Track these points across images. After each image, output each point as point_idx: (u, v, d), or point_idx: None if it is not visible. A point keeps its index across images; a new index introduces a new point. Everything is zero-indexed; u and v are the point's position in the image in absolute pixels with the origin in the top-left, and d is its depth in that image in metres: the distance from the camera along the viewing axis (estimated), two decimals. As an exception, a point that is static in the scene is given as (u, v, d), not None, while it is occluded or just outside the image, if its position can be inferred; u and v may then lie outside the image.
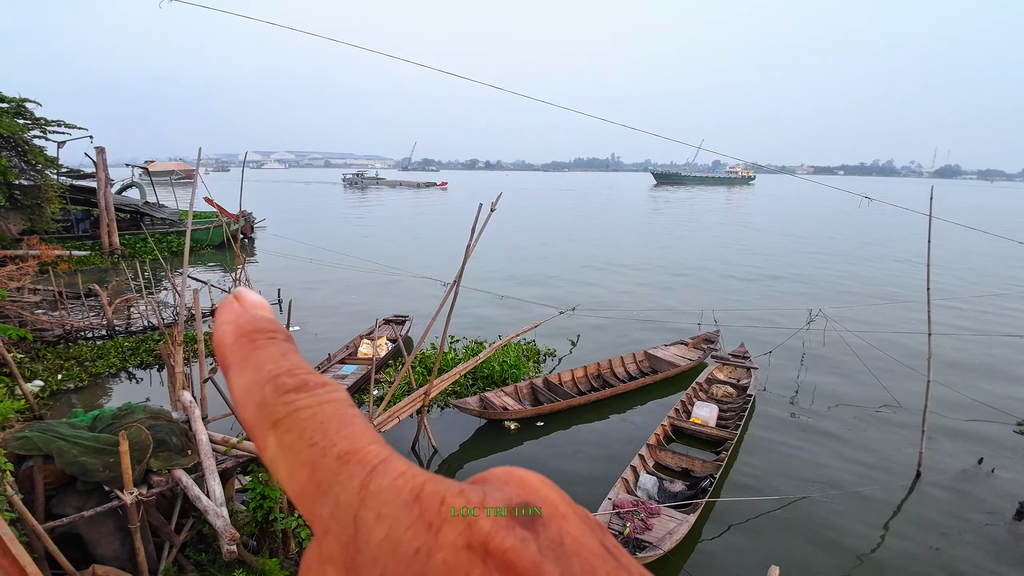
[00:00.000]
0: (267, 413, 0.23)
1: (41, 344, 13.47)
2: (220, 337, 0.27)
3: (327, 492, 0.20)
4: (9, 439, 5.47)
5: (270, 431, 0.23)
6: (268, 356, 0.25)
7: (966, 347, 15.30)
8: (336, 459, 0.21)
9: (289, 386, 0.24)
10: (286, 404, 0.23)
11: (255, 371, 0.25)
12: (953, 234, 21.75)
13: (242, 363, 0.25)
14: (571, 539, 0.19)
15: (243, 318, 0.27)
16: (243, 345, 0.26)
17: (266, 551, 6.08)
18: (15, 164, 23.14)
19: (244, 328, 0.26)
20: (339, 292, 20.24)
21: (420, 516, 0.19)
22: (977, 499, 8.64)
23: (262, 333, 0.26)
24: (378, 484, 0.20)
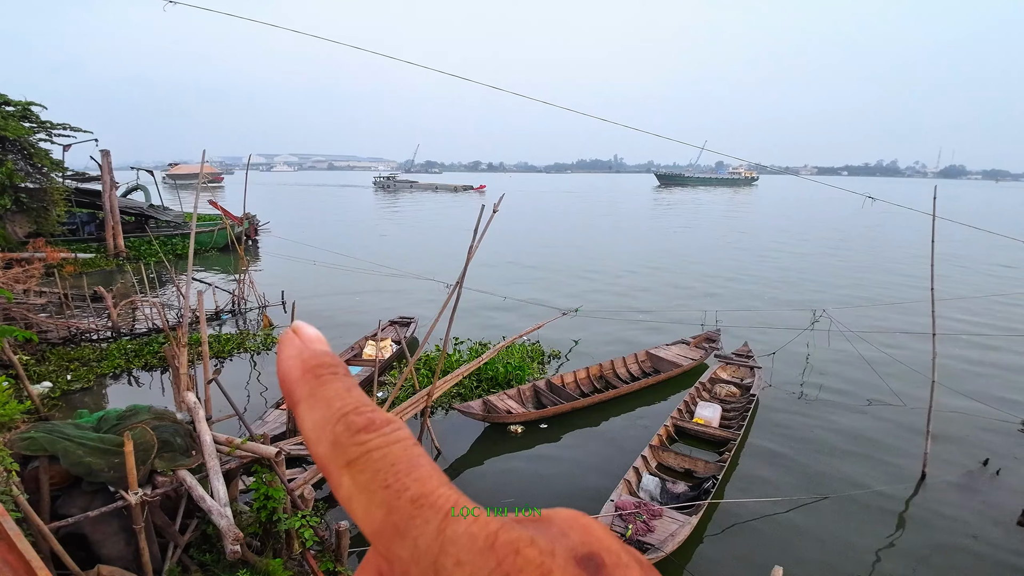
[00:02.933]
0: (341, 452, 0.25)
1: (46, 346, 13.56)
2: (286, 372, 0.28)
3: (405, 535, 0.22)
4: (15, 440, 5.51)
5: (344, 470, 0.24)
6: (334, 392, 0.27)
7: (971, 347, 15.22)
8: (410, 503, 0.23)
9: (359, 425, 0.25)
10: (358, 444, 0.25)
11: (325, 408, 0.26)
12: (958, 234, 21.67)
13: (310, 399, 0.27)
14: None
15: (306, 353, 0.28)
16: (309, 380, 0.27)
17: (269, 551, 6.10)
18: (21, 167, 23.30)
19: (308, 363, 0.28)
20: (343, 294, 20.30)
21: (498, 565, 0.20)
22: (982, 501, 8.59)
23: (325, 368, 0.28)
24: (454, 530, 0.22)
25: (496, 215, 8.28)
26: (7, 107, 23.44)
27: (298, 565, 6.16)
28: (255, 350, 14.37)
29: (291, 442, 8.68)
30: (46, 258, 20.16)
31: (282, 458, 6.10)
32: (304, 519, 5.90)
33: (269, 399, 11.52)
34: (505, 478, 9.15)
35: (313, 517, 6.01)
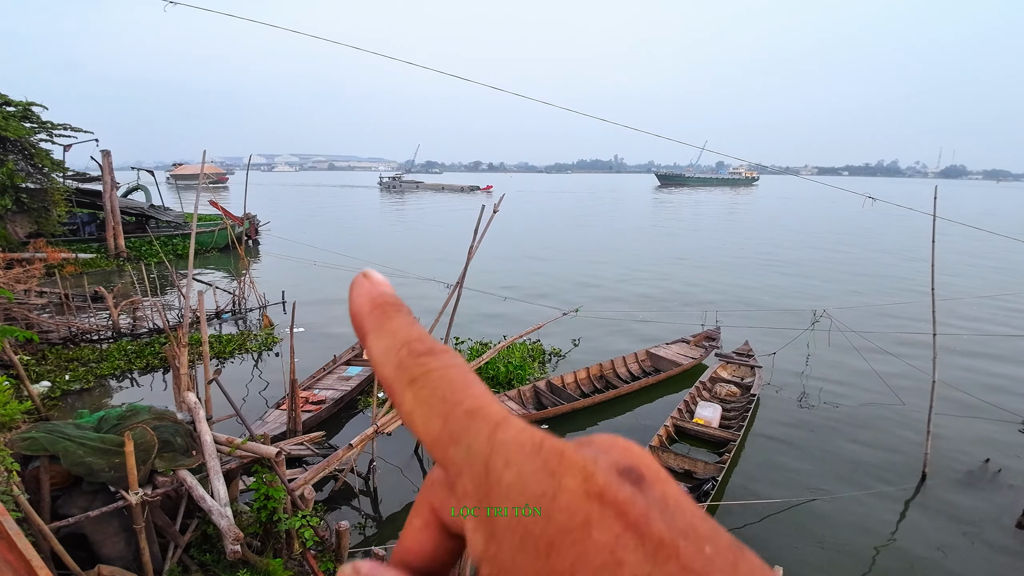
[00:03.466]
0: (405, 372, 0.28)
1: (47, 346, 13.56)
2: (358, 308, 0.32)
3: (459, 441, 0.25)
4: (16, 440, 5.51)
5: (408, 388, 0.28)
6: (399, 324, 0.31)
7: (971, 347, 15.21)
8: (465, 414, 0.26)
9: (421, 350, 0.29)
10: (420, 365, 0.28)
11: (391, 336, 0.30)
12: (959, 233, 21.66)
13: (378, 329, 0.31)
14: (673, 499, 0.23)
15: (374, 292, 0.32)
16: (377, 315, 0.31)
17: (270, 551, 6.11)
18: (22, 168, 23.31)
19: (376, 300, 0.32)
20: (344, 293, 20.28)
21: (544, 465, 0.22)
22: (983, 500, 8.58)
23: (391, 305, 0.32)
24: (503, 436, 0.24)
25: (496, 215, 8.28)
26: (8, 107, 23.46)
27: (298, 565, 6.16)
28: (256, 350, 14.38)
29: (291, 442, 8.69)
30: (47, 258, 20.19)
31: (282, 458, 6.11)
32: (304, 519, 5.90)
33: (269, 399, 11.52)
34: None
35: (313, 517, 6.01)
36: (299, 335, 14.14)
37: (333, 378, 12.19)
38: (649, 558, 0.20)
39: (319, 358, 13.20)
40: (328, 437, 9.84)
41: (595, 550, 0.20)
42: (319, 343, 14.63)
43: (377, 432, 8.17)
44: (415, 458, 9.58)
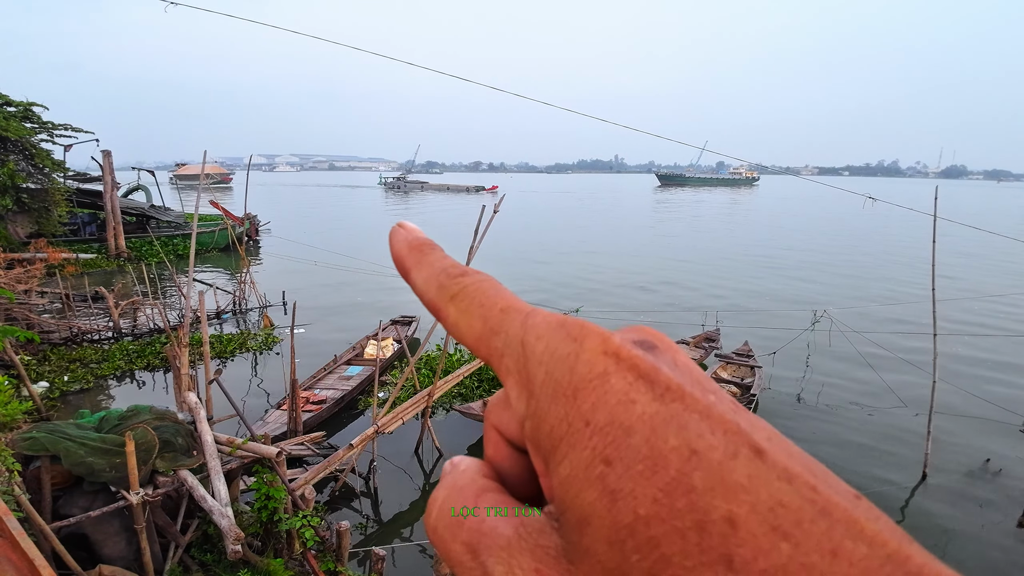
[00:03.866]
0: (445, 292, 0.33)
1: (48, 346, 13.57)
2: (398, 250, 0.37)
3: (498, 331, 0.30)
4: (17, 440, 5.52)
5: (450, 303, 0.33)
6: (435, 258, 0.36)
7: (972, 347, 15.21)
8: (500, 311, 0.31)
9: (456, 273, 0.34)
10: (457, 284, 0.33)
11: (429, 267, 0.35)
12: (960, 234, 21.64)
13: (418, 264, 0.36)
14: (681, 363, 0.27)
15: (410, 236, 0.38)
16: (415, 253, 0.36)
17: (270, 551, 6.11)
18: (23, 168, 23.33)
19: (413, 243, 0.37)
20: (345, 294, 20.31)
21: (567, 334, 0.27)
22: (984, 500, 8.59)
23: (426, 244, 0.37)
24: (533, 320, 0.29)
25: (496, 216, 8.30)
26: (8, 108, 23.48)
27: (299, 565, 6.17)
28: (256, 350, 14.39)
29: (292, 442, 8.70)
30: (47, 258, 20.18)
31: (283, 458, 6.12)
32: (305, 519, 5.91)
33: (270, 399, 11.53)
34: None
35: (314, 517, 6.02)
36: (300, 335, 14.15)
37: (334, 378, 12.20)
38: (658, 398, 0.23)
39: (320, 358, 13.21)
40: (328, 437, 9.84)
41: (611, 392, 0.24)
42: (320, 343, 14.65)
43: (377, 432, 8.18)
44: (415, 458, 9.58)
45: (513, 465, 0.33)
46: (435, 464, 9.54)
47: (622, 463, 0.22)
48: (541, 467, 0.27)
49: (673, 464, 0.21)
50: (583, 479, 0.23)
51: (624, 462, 0.22)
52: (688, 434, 0.22)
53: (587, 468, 0.23)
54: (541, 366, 0.27)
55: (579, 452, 0.23)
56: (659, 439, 0.22)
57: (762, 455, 0.21)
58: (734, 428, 0.22)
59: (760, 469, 0.21)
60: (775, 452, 0.21)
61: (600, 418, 0.23)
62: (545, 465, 0.26)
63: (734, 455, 0.21)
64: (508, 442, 0.33)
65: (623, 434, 0.23)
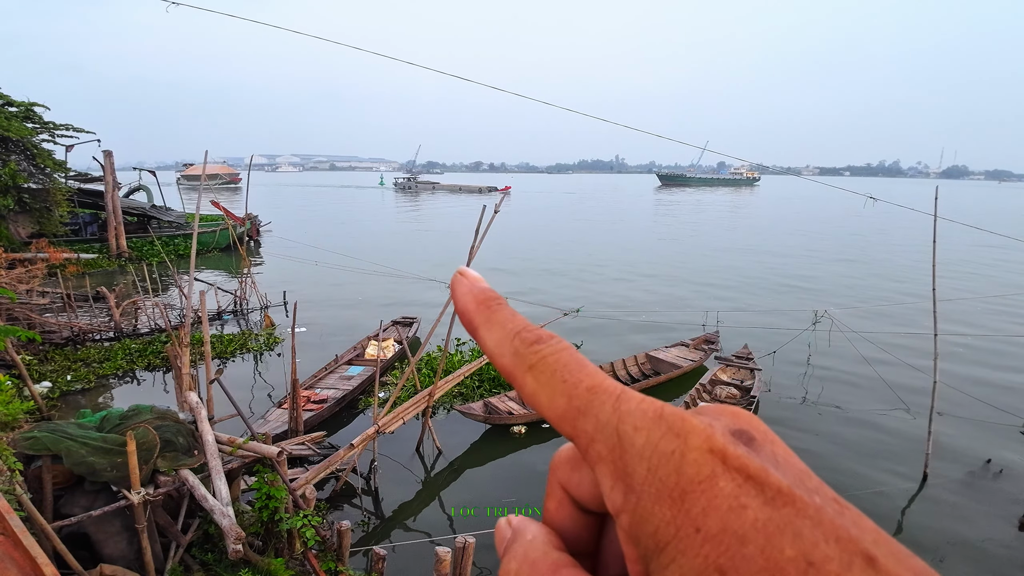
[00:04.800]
0: (522, 360, 0.32)
1: (49, 346, 13.59)
2: (464, 305, 0.36)
3: (587, 414, 0.28)
4: (18, 439, 5.53)
5: (527, 373, 0.31)
6: (505, 317, 0.34)
7: (973, 348, 15.20)
8: (586, 390, 0.29)
9: (531, 339, 0.32)
10: (535, 353, 0.31)
11: (500, 329, 0.33)
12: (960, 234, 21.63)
13: (487, 324, 0.34)
14: (782, 457, 0.26)
15: (475, 289, 0.36)
16: (483, 310, 0.35)
17: (271, 551, 6.12)
18: (24, 168, 23.37)
19: (480, 297, 0.35)
20: (346, 294, 20.32)
21: (669, 428, 0.26)
22: (985, 501, 8.58)
23: (493, 300, 0.35)
24: (627, 407, 0.28)
25: (496, 216, 8.30)
26: (10, 108, 23.51)
27: (300, 565, 6.17)
28: (257, 350, 14.40)
29: (293, 442, 8.70)
30: (49, 258, 20.21)
31: (284, 458, 6.12)
32: (306, 519, 5.91)
33: (271, 399, 11.54)
34: (507, 478, 9.15)
35: (315, 517, 6.03)
36: (301, 335, 14.16)
37: (335, 377, 12.22)
38: (769, 503, 0.22)
39: (321, 357, 13.23)
40: (329, 437, 9.85)
41: (722, 496, 0.23)
42: (321, 343, 14.66)
43: (378, 432, 8.19)
44: (416, 457, 9.59)
45: (577, 526, 0.33)
46: (435, 463, 9.54)
47: (737, 574, 0.22)
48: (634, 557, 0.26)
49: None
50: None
51: (740, 573, 0.21)
52: (803, 544, 0.21)
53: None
54: (642, 461, 0.26)
55: (690, 559, 0.23)
56: (775, 549, 0.21)
57: (874, 563, 0.21)
58: (845, 535, 0.22)
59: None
60: (886, 559, 0.21)
61: (711, 525, 0.23)
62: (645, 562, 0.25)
63: (849, 565, 0.21)
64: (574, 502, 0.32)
65: (737, 543, 0.22)
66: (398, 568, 6.89)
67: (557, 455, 0.34)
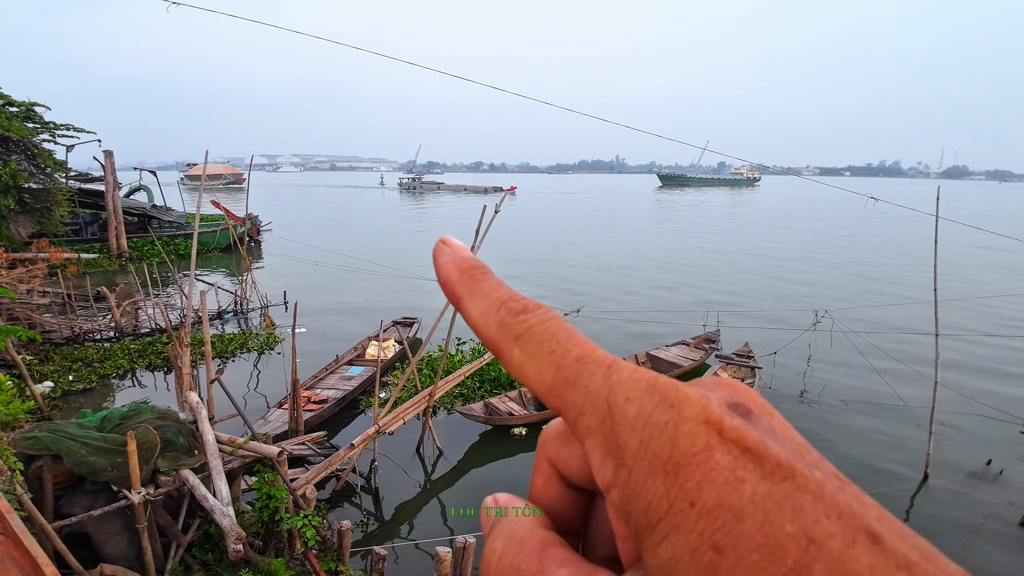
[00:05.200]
0: (508, 331, 0.30)
1: (50, 346, 13.60)
2: (447, 275, 0.34)
3: (576, 385, 0.27)
4: (19, 439, 5.53)
5: (514, 344, 0.30)
6: (490, 287, 0.32)
7: (974, 348, 15.19)
8: (575, 360, 0.28)
9: (517, 309, 0.31)
10: (521, 323, 0.30)
11: (485, 299, 0.32)
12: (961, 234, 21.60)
13: (471, 294, 0.32)
14: (780, 431, 0.25)
15: (459, 258, 0.34)
16: (467, 280, 0.33)
17: (272, 551, 6.12)
18: (25, 168, 23.37)
19: (463, 266, 0.34)
20: (347, 294, 20.32)
21: (662, 398, 0.24)
22: (986, 502, 8.57)
23: (477, 269, 0.34)
24: (618, 377, 0.26)
25: (497, 217, 8.30)
26: (11, 108, 23.52)
27: (300, 565, 6.17)
28: (258, 350, 14.40)
29: (294, 442, 8.70)
30: (49, 258, 20.22)
31: (284, 458, 6.12)
32: (306, 519, 5.91)
33: (271, 399, 11.54)
34: (507, 479, 9.15)
35: (315, 517, 6.02)
36: (301, 335, 14.16)
37: (335, 378, 12.21)
38: (767, 477, 0.21)
39: (321, 358, 13.22)
40: (330, 436, 9.85)
41: (718, 469, 0.22)
42: (321, 343, 14.66)
43: (379, 432, 8.19)
44: (416, 457, 9.59)
45: (565, 503, 0.32)
46: (436, 464, 9.54)
47: (735, 551, 0.20)
48: (624, 534, 0.26)
49: (791, 554, 0.20)
50: (690, 565, 0.21)
51: (737, 550, 0.20)
52: (804, 520, 0.20)
53: (694, 554, 0.21)
54: (634, 433, 0.24)
55: (684, 535, 0.22)
56: (774, 525, 0.20)
57: (879, 542, 0.20)
58: (848, 511, 0.21)
59: (879, 559, 0.19)
60: (890, 537, 0.20)
61: (707, 499, 0.22)
62: (637, 539, 0.24)
63: (852, 542, 0.20)
64: (562, 478, 0.31)
65: (734, 518, 0.21)
66: (398, 568, 6.90)
67: (546, 429, 0.32)
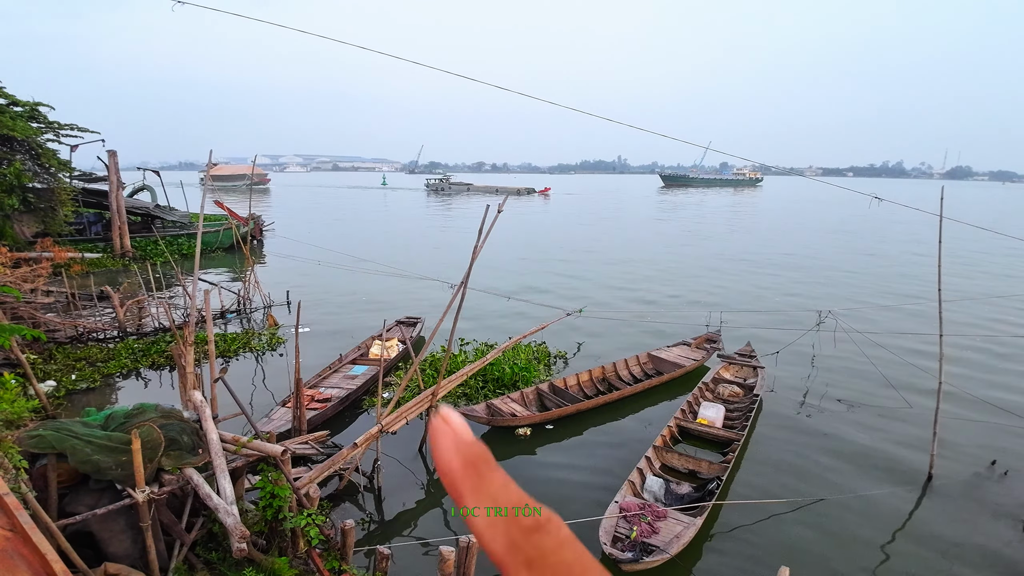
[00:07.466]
0: (520, 554, 0.28)
1: (54, 345, 13.64)
2: (447, 464, 0.31)
3: None
4: (23, 438, 5.55)
5: (523, 569, 0.28)
6: (497, 486, 0.30)
7: (978, 348, 15.13)
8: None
9: (529, 525, 0.29)
10: (534, 547, 0.28)
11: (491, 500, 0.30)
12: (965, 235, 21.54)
13: (476, 493, 0.30)
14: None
15: (462, 446, 0.31)
16: (471, 475, 0.31)
17: (275, 550, 6.12)
18: (29, 167, 23.45)
19: (467, 456, 0.31)
20: (350, 294, 20.34)
21: None
22: (990, 502, 8.54)
23: (482, 460, 0.31)
24: None
25: (498, 218, 8.30)
26: (15, 107, 23.61)
27: (304, 564, 6.17)
28: (260, 349, 14.43)
29: (297, 441, 8.71)
30: (53, 258, 20.29)
31: (288, 456, 6.13)
32: (310, 518, 5.92)
33: (275, 398, 11.56)
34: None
35: (319, 516, 6.03)
36: (304, 334, 14.18)
37: (339, 377, 12.23)
38: None
39: (324, 357, 13.25)
40: (333, 436, 9.86)
41: None
42: (324, 342, 14.68)
43: (382, 431, 8.19)
44: (419, 457, 9.59)
45: None
46: (439, 464, 9.53)
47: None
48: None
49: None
50: None
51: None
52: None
53: None
54: None
55: None
56: None
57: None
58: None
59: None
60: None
61: None
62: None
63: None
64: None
65: None
66: (402, 567, 6.90)
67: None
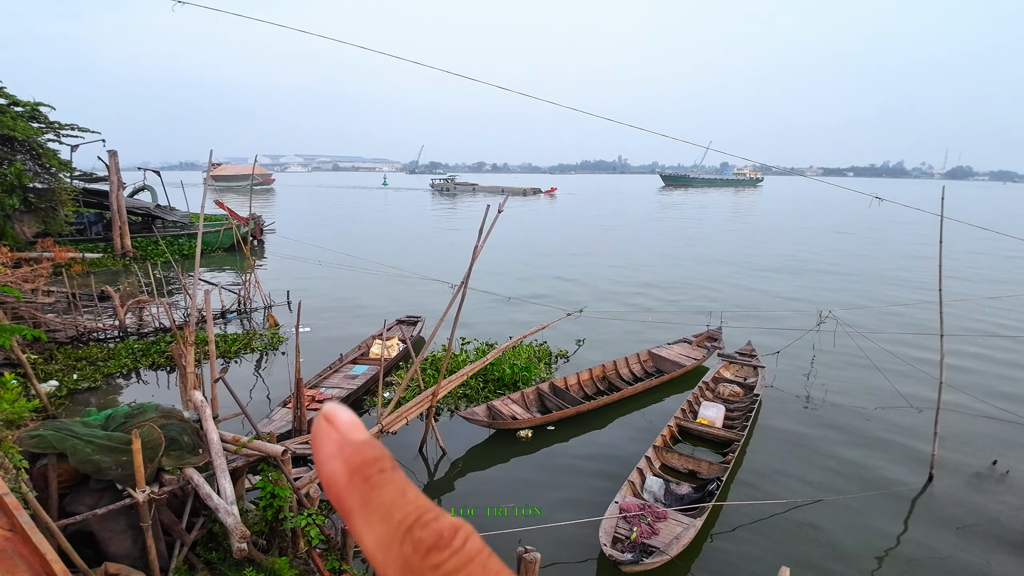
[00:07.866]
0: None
1: (54, 345, 13.64)
2: (330, 476, 0.25)
3: None
4: (24, 437, 5.55)
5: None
6: (390, 498, 0.24)
7: (978, 348, 15.12)
8: None
9: (428, 542, 0.23)
10: (433, 568, 0.22)
11: (383, 521, 0.24)
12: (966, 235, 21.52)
13: (364, 509, 0.24)
14: None
15: (347, 449, 0.25)
16: (359, 485, 0.24)
17: (275, 550, 6.13)
18: (29, 167, 23.46)
19: (354, 463, 0.25)
20: (350, 294, 20.34)
21: None
22: (991, 502, 8.53)
23: (372, 466, 0.25)
24: None
25: (497, 219, 8.30)
26: (16, 108, 23.62)
27: (304, 564, 6.17)
28: (261, 349, 14.43)
29: (297, 441, 8.70)
30: (54, 258, 20.31)
31: (288, 456, 6.13)
32: (310, 518, 5.92)
33: (275, 398, 11.56)
34: (510, 480, 9.14)
35: (319, 516, 6.03)
36: (305, 334, 14.18)
37: (339, 377, 12.23)
38: None
39: (325, 357, 13.24)
40: (333, 436, 9.83)
41: None
42: (325, 342, 14.67)
43: (382, 431, 8.19)
44: (419, 457, 9.59)
45: None
46: (438, 464, 9.54)
47: None
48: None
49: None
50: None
51: None
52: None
53: None
54: None
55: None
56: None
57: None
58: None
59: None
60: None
61: None
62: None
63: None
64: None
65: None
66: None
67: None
